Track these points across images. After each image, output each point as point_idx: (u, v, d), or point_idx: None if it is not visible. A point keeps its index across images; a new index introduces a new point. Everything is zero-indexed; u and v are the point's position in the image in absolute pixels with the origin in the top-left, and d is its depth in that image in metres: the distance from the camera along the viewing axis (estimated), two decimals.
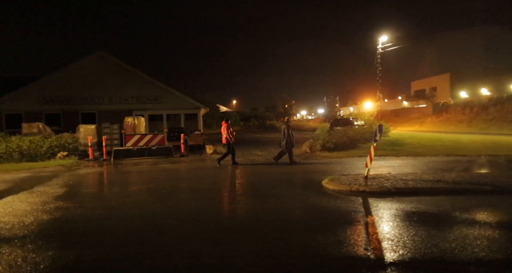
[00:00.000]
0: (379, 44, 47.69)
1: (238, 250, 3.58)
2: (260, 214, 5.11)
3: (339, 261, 3.19)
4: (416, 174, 7.56)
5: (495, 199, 5.46)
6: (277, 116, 47.26)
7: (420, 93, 53.54)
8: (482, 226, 4.08)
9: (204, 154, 14.40)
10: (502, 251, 3.31)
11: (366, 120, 22.29)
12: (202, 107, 21.83)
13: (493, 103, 33.46)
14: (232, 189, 7.40)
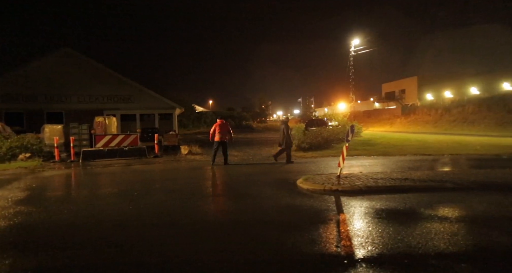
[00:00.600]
0: (352, 47, 49.26)
1: (211, 251, 3.54)
2: (235, 215, 5.10)
3: (312, 259, 3.24)
4: (385, 173, 7.87)
5: (456, 195, 5.81)
6: (253, 116, 47.43)
7: (390, 95, 55.93)
8: (443, 221, 4.33)
9: (179, 155, 14.13)
10: (461, 244, 3.53)
11: (339, 121, 22.94)
12: (177, 107, 21.42)
13: (455, 105, 35.68)
14: (207, 189, 7.32)
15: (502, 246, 3.46)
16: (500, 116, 29.15)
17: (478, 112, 31.89)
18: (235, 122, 39.59)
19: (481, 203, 5.25)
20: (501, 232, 3.88)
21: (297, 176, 7.75)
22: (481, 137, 20.67)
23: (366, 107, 56.44)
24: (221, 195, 6.69)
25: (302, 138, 15.03)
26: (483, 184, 6.37)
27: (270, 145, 16.70)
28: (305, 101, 70.54)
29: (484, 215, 4.61)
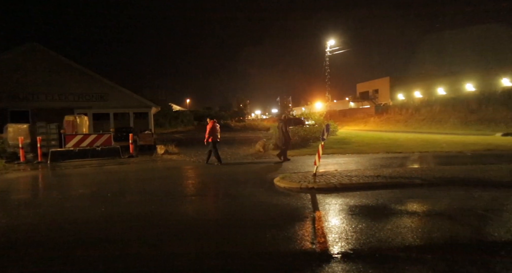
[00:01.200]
0: (327, 47, 50.36)
1: (188, 251, 3.50)
2: (212, 214, 5.07)
3: (287, 256, 3.30)
4: (359, 170, 8.14)
5: (424, 190, 6.12)
6: (231, 115, 47.22)
7: (364, 95, 57.79)
8: (412, 216, 4.55)
9: (155, 154, 13.82)
10: (427, 236, 3.72)
11: (316, 120, 23.35)
12: (153, 106, 20.91)
13: (424, 105, 37.51)
14: (184, 189, 7.21)
15: (465, 238, 3.70)
16: (464, 115, 31.00)
17: (445, 111, 33.74)
18: None
19: (446, 197, 5.57)
20: (463, 225, 4.14)
21: (274, 175, 7.83)
22: (447, 135, 21.89)
23: (342, 107, 57.96)
24: (199, 195, 6.62)
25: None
26: (448, 179, 6.75)
27: (248, 144, 16.70)
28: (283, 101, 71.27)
29: (448, 209, 4.89)
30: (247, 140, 19.75)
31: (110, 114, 19.46)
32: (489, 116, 28.44)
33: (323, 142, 7.51)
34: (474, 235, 3.79)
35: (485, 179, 6.71)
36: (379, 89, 54.69)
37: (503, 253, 3.19)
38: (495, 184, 6.40)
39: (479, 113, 29.93)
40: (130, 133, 14.48)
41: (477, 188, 6.14)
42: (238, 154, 13.72)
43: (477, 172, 7.40)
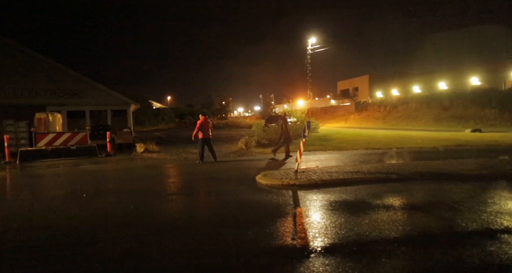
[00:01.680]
0: (309, 45, 50.91)
1: (165, 251, 3.47)
2: (194, 213, 5.04)
3: (269, 252, 3.34)
4: (339, 167, 8.33)
5: (399, 185, 6.36)
6: (214, 113, 46.82)
7: (345, 93, 59.01)
8: (388, 210, 4.72)
9: (134, 153, 13.50)
10: (402, 229, 3.88)
11: (298, 118, 23.61)
12: (132, 103, 20.36)
13: (401, 102, 38.83)
14: (164, 188, 7.10)
15: (436, 229, 3.88)
16: (437, 112, 32.38)
17: (420, 109, 35.08)
18: (194, 119, 38.75)
19: (420, 191, 5.82)
20: (435, 217, 4.35)
21: (256, 172, 7.86)
22: (422, 131, 22.79)
23: (323, 104, 58.91)
24: (179, 194, 6.54)
25: (261, 134, 15.24)
26: (422, 174, 7.04)
27: (230, 141, 16.67)
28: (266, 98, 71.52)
29: (422, 202, 5.11)
30: (230, 137, 19.69)
31: (86, 112, 18.77)
32: (459, 114, 29.86)
33: (304, 139, 7.62)
34: (445, 226, 3.99)
35: (455, 173, 7.06)
36: (359, 87, 56.02)
37: (470, 242, 3.38)
38: (464, 177, 6.75)
39: (451, 110, 31.36)
40: (107, 131, 14.06)
41: (448, 181, 6.45)
42: (220, 152, 13.66)
43: (448, 166, 7.76)
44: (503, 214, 4.24)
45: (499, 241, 3.39)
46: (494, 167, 7.59)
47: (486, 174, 6.89)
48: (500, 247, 3.23)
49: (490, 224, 3.89)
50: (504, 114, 26.33)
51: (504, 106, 26.91)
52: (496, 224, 3.89)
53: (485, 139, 15.53)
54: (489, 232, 3.64)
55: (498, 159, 8.96)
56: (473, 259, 2.99)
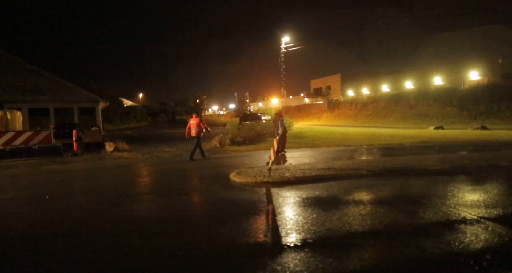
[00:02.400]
0: (282, 44, 51.35)
1: (139, 253, 3.35)
2: (165, 212, 4.91)
3: (241, 250, 3.33)
4: (312, 164, 8.50)
5: (369, 180, 6.60)
6: (188, 111, 46.05)
7: (318, 91, 60.26)
8: (358, 204, 4.89)
9: (103, 152, 12.95)
10: (370, 223, 4.03)
11: (272, 116, 23.81)
12: (101, 100, 19.48)
13: (371, 101, 40.37)
14: (135, 188, 6.88)
15: (402, 222, 4.08)
16: (404, 110, 34.05)
17: (389, 107, 36.68)
18: (168, 117, 37.90)
19: (387, 186, 6.08)
20: (401, 210, 4.56)
21: (230, 170, 7.83)
22: (390, 129, 23.85)
23: (297, 102, 59.81)
24: (152, 193, 6.36)
25: (236, 132, 15.20)
26: (390, 169, 7.37)
27: (204, 140, 16.44)
28: (241, 96, 71.39)
29: (389, 196, 5.34)
30: (204, 136, 19.42)
31: (50, 109, 17.70)
32: (424, 112, 31.59)
33: (277, 137, 7.68)
34: (409, 218, 4.19)
35: (420, 168, 7.45)
36: (331, 85, 57.45)
37: (431, 233, 3.58)
38: (427, 172, 7.15)
39: (416, 109, 33.08)
40: (74, 130, 13.36)
41: (413, 176, 6.79)
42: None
43: (413, 162, 8.18)
44: (461, 206, 4.53)
45: (456, 230, 3.63)
46: (454, 162, 8.10)
47: (447, 169, 7.33)
48: (457, 236, 3.46)
49: (449, 215, 4.14)
50: (463, 113, 28.20)
51: (463, 105, 28.82)
52: (454, 215, 4.16)
53: (446, 135, 16.55)
54: (448, 223, 3.88)
55: (458, 154, 9.58)
56: (433, 248, 3.17)
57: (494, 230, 3.58)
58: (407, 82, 42.95)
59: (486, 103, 27.08)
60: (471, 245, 3.21)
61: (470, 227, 3.71)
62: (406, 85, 42.77)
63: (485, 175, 6.65)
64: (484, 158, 8.42)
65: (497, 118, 25.15)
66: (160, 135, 22.40)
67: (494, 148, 10.48)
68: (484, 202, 4.70)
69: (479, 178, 6.38)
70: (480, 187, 5.74)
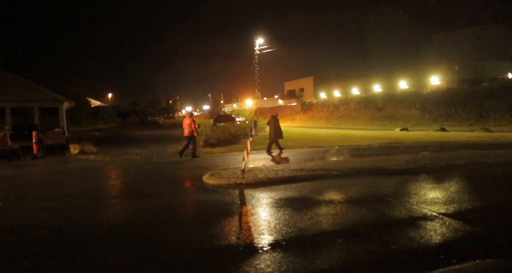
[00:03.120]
0: (256, 46, 51.68)
1: (104, 260, 3.21)
2: (134, 217, 4.75)
3: (213, 253, 3.30)
4: (285, 165, 8.62)
5: (339, 180, 6.82)
6: (160, 112, 44.89)
7: (291, 93, 61.27)
8: (328, 204, 5.03)
9: (67, 155, 12.26)
10: (340, 222, 4.16)
11: (247, 117, 23.91)
12: (66, 100, 18.44)
13: (342, 103, 41.75)
14: (103, 192, 6.58)
15: (369, 220, 4.25)
16: (373, 113, 35.57)
17: (358, 109, 38.13)
18: (139, 118, 36.67)
19: (356, 185, 6.31)
20: (368, 209, 4.75)
21: (203, 172, 7.73)
22: (360, 130, 24.79)
23: (271, 104, 60.39)
24: (120, 197, 6.12)
25: (210, 133, 15.06)
26: (359, 170, 7.65)
27: (177, 141, 16.11)
28: (215, 97, 70.81)
29: (358, 196, 5.54)
30: (177, 137, 19.05)
31: (6, 109, 16.45)
32: (391, 114, 33.20)
33: (251, 138, 7.71)
34: (376, 216, 4.38)
35: (387, 168, 7.81)
36: (305, 88, 58.67)
37: (395, 230, 3.77)
38: (393, 172, 7.51)
39: (384, 111, 34.68)
40: (34, 131, 12.53)
41: (381, 175, 7.10)
42: (166, 152, 13.15)
43: (381, 162, 8.56)
44: (422, 203, 4.81)
45: (417, 227, 3.84)
46: (417, 162, 8.58)
47: (411, 168, 7.75)
48: (419, 232, 3.66)
49: (412, 213, 4.38)
50: (425, 115, 29.98)
51: (425, 108, 30.64)
52: (417, 212, 4.40)
53: (411, 136, 17.50)
54: (411, 220, 4.10)
55: (420, 154, 10.15)
56: (397, 244, 3.33)
57: (450, 225, 3.84)
58: (375, 86, 44.94)
59: (445, 106, 28.99)
60: (430, 240, 3.41)
61: (430, 223, 3.95)
62: (374, 88, 44.72)
63: (444, 174, 7.11)
64: (443, 157, 9.00)
65: (455, 121, 27.00)
66: (130, 137, 21.62)
67: (452, 148, 11.24)
68: (442, 199, 5.03)
69: (438, 177, 6.81)
70: (439, 185, 6.13)
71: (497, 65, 36.41)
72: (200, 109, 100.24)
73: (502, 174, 7.13)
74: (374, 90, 44.21)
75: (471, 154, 9.45)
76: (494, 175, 7.09)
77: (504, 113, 24.87)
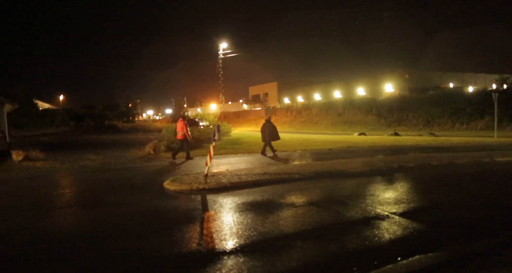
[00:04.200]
0: (220, 50, 51.64)
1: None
2: (90, 227, 4.44)
3: (173, 261, 3.20)
4: (249, 169, 8.64)
5: (301, 184, 6.99)
6: (119, 115, 42.66)
7: (256, 98, 61.95)
8: (290, 207, 5.13)
9: (9, 162, 11.13)
10: (301, 224, 4.26)
11: (211, 121, 23.63)
12: (7, 102, 16.74)
13: (305, 108, 43.09)
14: (52, 202, 6.06)
15: (328, 221, 4.41)
16: (333, 118, 37.18)
17: (320, 114, 39.61)
18: (95, 122, 34.51)
19: (317, 188, 6.52)
20: (327, 210, 4.93)
21: (165, 178, 7.48)
22: (322, 135, 25.74)
23: (236, 108, 60.50)
24: (72, 206, 5.68)
25: (172, 138, 14.62)
26: (320, 173, 7.92)
27: (137, 146, 15.42)
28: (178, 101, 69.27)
29: (318, 198, 5.73)
30: (137, 142, 18.26)
31: None
32: (350, 119, 34.97)
33: (214, 143, 7.63)
34: (335, 218, 4.56)
35: (345, 171, 8.18)
36: (269, 92, 59.68)
37: (352, 229, 3.95)
38: (351, 174, 7.89)
39: (343, 116, 36.42)
40: None
41: (339, 178, 7.42)
42: (124, 157, 12.51)
43: (340, 166, 8.95)
44: (376, 204, 5.10)
45: (371, 226, 4.07)
46: (373, 164, 9.10)
47: (367, 171, 8.20)
48: (372, 230, 3.88)
49: (367, 213, 4.63)
50: (380, 120, 32.03)
51: (380, 114, 32.75)
52: (371, 212, 4.66)
53: (368, 141, 18.55)
54: (365, 220, 4.32)
55: (376, 157, 10.79)
56: (353, 243, 3.50)
57: (400, 223, 4.12)
58: (336, 92, 47.08)
59: (398, 112, 31.24)
60: (382, 238, 3.63)
61: (382, 222, 4.20)
62: (335, 94, 46.83)
63: (396, 176, 7.62)
64: (396, 160, 9.66)
65: (406, 126, 29.20)
66: (85, 142, 20.27)
67: (403, 152, 12.11)
68: (393, 199, 5.38)
69: (391, 178, 7.29)
70: (391, 186, 6.56)
71: (441, 75, 40.19)
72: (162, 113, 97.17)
73: (445, 175, 7.82)
74: (335, 96, 46.28)
75: (419, 157, 10.25)
76: (438, 175, 7.76)
77: (447, 119, 27.45)
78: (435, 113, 28.48)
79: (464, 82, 40.58)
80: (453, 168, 8.51)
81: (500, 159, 9.52)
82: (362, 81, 44.47)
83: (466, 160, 9.38)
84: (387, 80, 40.42)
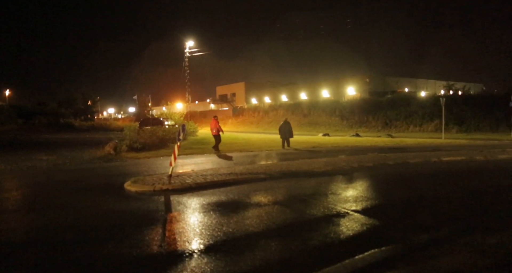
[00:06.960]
0: (187, 48, 50.54)
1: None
2: (41, 232, 4.12)
3: (132, 265, 3.07)
4: (214, 169, 8.56)
5: (266, 183, 7.07)
6: (76, 113, 39.98)
7: (223, 98, 61.54)
8: (256, 207, 5.17)
9: None
10: (266, 223, 4.31)
11: (176, 121, 23.04)
12: None
13: (272, 109, 43.66)
14: (2, 205, 5.52)
15: (291, 220, 4.50)
16: (299, 119, 38.09)
17: (287, 115, 40.20)
18: (48, 120, 31.97)
19: (282, 188, 6.64)
20: (291, 209, 5.04)
21: (125, 179, 7.16)
22: None
23: (203, 108, 59.58)
24: (20, 211, 5.21)
25: (134, 137, 14.06)
26: (284, 173, 8.07)
27: (96, 146, 14.56)
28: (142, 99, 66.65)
29: (282, 197, 5.84)
30: (95, 142, 17.25)
31: None
32: (315, 120, 36.08)
33: (179, 142, 7.44)
34: (298, 217, 4.67)
35: (309, 171, 8.42)
36: (236, 93, 59.60)
37: (313, 227, 4.09)
38: (315, 174, 8.15)
39: (309, 117, 37.49)
40: None
41: (304, 178, 7.62)
42: (81, 158, 11.76)
43: (305, 165, 9.19)
44: (337, 202, 5.32)
45: (332, 223, 4.23)
46: (335, 164, 9.48)
47: (329, 170, 8.51)
48: (333, 227, 4.04)
49: (328, 210, 4.81)
50: (343, 122, 33.46)
51: (343, 116, 34.22)
52: (332, 210, 4.85)
53: (331, 141, 19.27)
54: (327, 217, 4.49)
55: (338, 157, 11.25)
56: (314, 240, 3.61)
57: (358, 220, 4.33)
58: (302, 94, 48.30)
59: (359, 114, 32.85)
60: (341, 234, 3.79)
61: (342, 219, 4.38)
62: (301, 96, 48.02)
63: (356, 175, 8.01)
64: (356, 160, 10.14)
65: (367, 127, 30.82)
66: (35, 142, 18.73)
67: (363, 152, 12.76)
68: (353, 197, 5.65)
69: (351, 177, 7.64)
70: (352, 185, 6.88)
71: (397, 80, 42.96)
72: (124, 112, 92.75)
73: (400, 174, 8.38)
74: (301, 97, 47.46)
75: (377, 157, 10.87)
76: (394, 174, 8.28)
77: (402, 121, 29.43)
78: (392, 115, 30.40)
79: (417, 87, 43.84)
80: (407, 167, 9.13)
81: (446, 159, 10.40)
82: (327, 83, 46.14)
83: (418, 159, 10.12)
84: (349, 84, 42.34)
